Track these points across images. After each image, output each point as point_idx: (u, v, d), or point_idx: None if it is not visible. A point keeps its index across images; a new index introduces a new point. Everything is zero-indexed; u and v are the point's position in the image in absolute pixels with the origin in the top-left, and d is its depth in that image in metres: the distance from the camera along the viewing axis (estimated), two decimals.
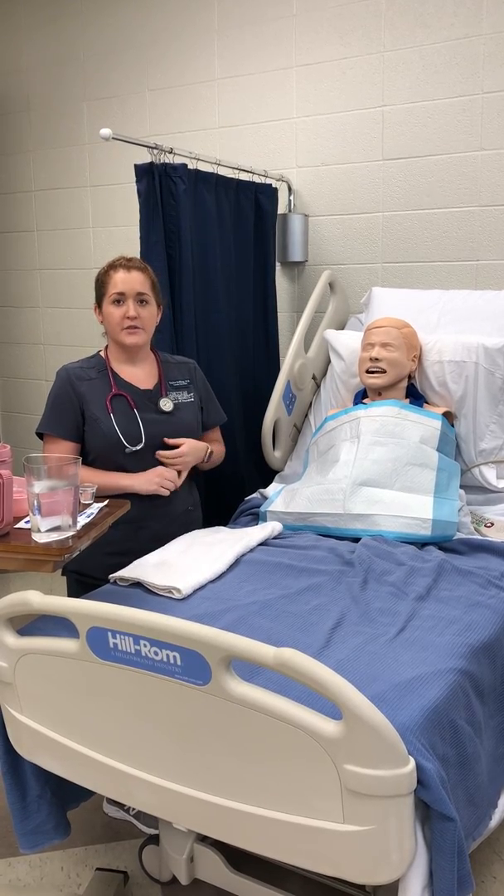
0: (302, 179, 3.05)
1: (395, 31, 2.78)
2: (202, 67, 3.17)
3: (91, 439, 2.11)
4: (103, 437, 2.09)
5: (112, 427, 2.09)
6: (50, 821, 1.62)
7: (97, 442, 2.10)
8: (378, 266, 2.97)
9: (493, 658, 1.57)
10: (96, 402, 2.11)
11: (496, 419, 2.37)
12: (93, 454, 2.13)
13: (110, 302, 2.11)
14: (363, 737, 1.14)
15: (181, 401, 2.23)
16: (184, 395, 2.24)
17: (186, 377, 2.28)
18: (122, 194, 3.42)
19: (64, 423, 2.10)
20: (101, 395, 2.12)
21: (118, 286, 2.10)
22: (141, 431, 2.12)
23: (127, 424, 2.11)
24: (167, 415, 2.18)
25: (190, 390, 2.27)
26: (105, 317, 2.15)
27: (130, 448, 2.10)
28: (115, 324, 2.12)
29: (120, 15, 3.30)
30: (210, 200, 2.55)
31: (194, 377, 2.31)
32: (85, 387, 2.11)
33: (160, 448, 2.16)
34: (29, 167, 3.66)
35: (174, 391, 2.23)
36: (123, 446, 2.10)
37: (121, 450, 2.10)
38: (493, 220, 2.74)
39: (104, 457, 2.11)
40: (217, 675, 1.22)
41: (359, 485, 2.16)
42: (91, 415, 2.10)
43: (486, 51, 2.66)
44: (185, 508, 2.25)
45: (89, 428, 2.10)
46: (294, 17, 2.95)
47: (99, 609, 1.30)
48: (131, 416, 2.13)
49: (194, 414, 2.26)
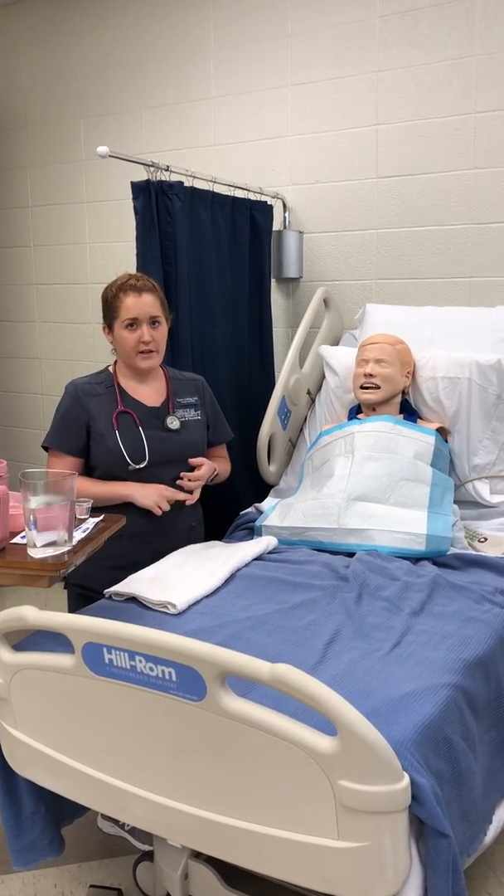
0: (297, 197, 3.08)
1: (389, 51, 2.82)
2: (198, 86, 3.20)
3: (96, 455, 2.11)
4: (108, 454, 2.09)
5: (117, 444, 2.09)
6: (44, 837, 1.61)
7: (102, 458, 2.11)
8: (372, 282, 2.99)
9: (486, 673, 1.57)
10: (103, 419, 2.11)
11: (489, 435, 2.38)
12: (98, 470, 2.13)
13: (123, 327, 2.10)
14: (358, 752, 1.14)
15: (188, 419, 2.23)
16: (191, 413, 2.24)
17: (195, 394, 2.28)
18: (119, 210, 3.44)
19: (69, 438, 2.10)
20: (108, 411, 2.12)
21: (131, 311, 2.08)
22: (145, 449, 2.12)
23: (132, 442, 2.11)
24: (173, 433, 2.18)
25: (197, 408, 2.27)
26: (118, 339, 2.13)
27: (134, 466, 2.10)
28: (129, 348, 2.11)
29: (117, 33, 3.34)
30: (206, 217, 2.57)
31: (203, 394, 2.31)
32: (92, 403, 2.12)
33: (165, 466, 2.16)
34: (26, 183, 3.68)
35: (181, 409, 2.23)
36: (127, 463, 2.10)
37: (124, 467, 2.10)
38: (485, 237, 2.77)
39: (108, 473, 2.12)
40: (212, 691, 1.22)
41: (353, 500, 2.17)
42: (97, 431, 2.10)
43: (478, 71, 2.69)
44: (189, 524, 2.26)
45: (94, 444, 2.11)
46: (289, 37, 2.99)
47: (94, 624, 1.31)
48: (136, 433, 2.13)
49: (201, 432, 2.27)
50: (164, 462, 2.15)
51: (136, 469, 2.11)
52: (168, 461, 2.16)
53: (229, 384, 2.79)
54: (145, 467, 2.12)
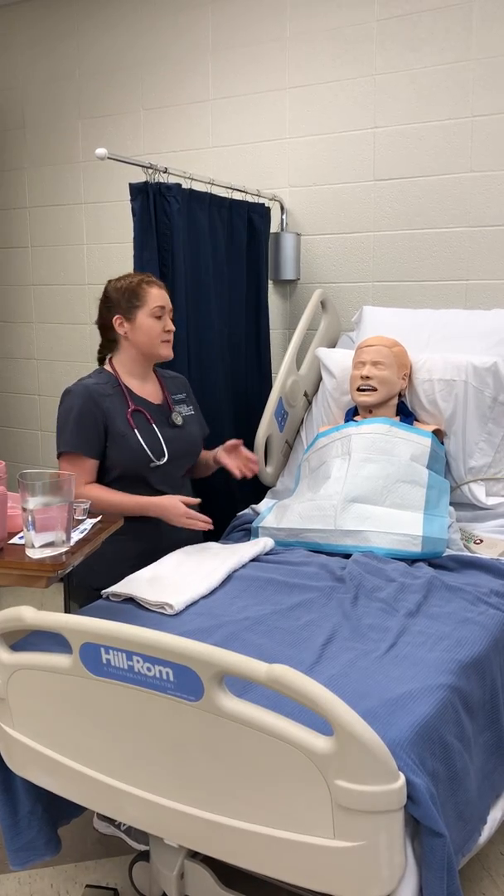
0: (294, 199, 3.09)
1: (387, 54, 2.83)
2: (196, 88, 3.21)
3: (117, 455, 2.10)
4: (131, 453, 2.09)
5: (139, 442, 2.11)
6: (41, 837, 1.61)
7: (124, 457, 2.10)
8: (369, 285, 3.00)
9: (482, 674, 1.58)
10: (119, 419, 2.10)
11: (485, 437, 2.39)
12: (117, 470, 2.11)
13: (151, 314, 2.12)
14: (354, 753, 1.15)
15: (185, 414, 2.27)
16: (185, 409, 2.28)
17: (183, 391, 2.32)
18: (116, 212, 3.45)
19: (91, 440, 2.08)
20: (121, 410, 2.12)
21: (160, 300, 2.14)
22: (163, 446, 2.15)
23: (150, 439, 2.14)
24: (179, 428, 2.22)
25: (188, 403, 2.31)
26: (141, 328, 2.13)
27: (156, 462, 2.12)
28: (154, 335, 2.14)
29: (116, 35, 3.34)
30: (203, 219, 2.58)
31: (188, 391, 2.35)
32: (107, 403, 2.10)
33: (177, 461, 2.19)
34: (24, 184, 3.69)
35: (178, 405, 2.26)
36: (150, 461, 2.12)
37: (146, 465, 2.12)
38: (482, 240, 2.78)
39: (129, 473, 2.11)
40: (209, 691, 1.23)
41: (350, 501, 2.18)
42: (116, 431, 2.09)
43: (475, 75, 2.71)
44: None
45: (114, 444, 2.09)
46: (287, 40, 3.00)
47: (92, 625, 1.31)
48: (152, 431, 2.15)
49: (199, 426, 2.32)
50: (178, 457, 2.19)
51: (157, 466, 2.13)
52: (179, 456, 2.20)
53: (226, 385, 2.80)
54: (164, 464, 2.14)
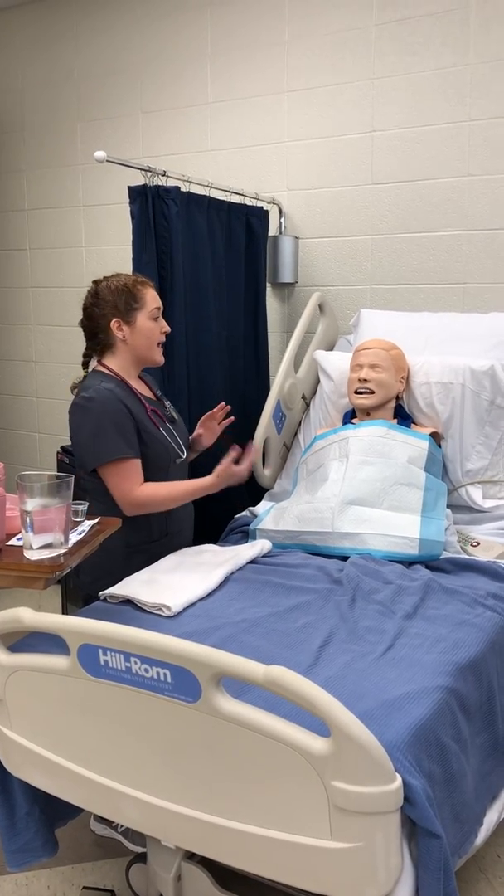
0: (292, 202, 3.10)
1: (385, 58, 2.84)
2: (195, 91, 3.22)
3: (151, 456, 2.07)
4: (164, 452, 2.10)
5: (166, 440, 2.12)
6: (38, 839, 1.61)
7: (156, 457, 2.08)
8: (367, 288, 3.01)
9: (478, 676, 1.59)
10: (142, 419, 2.08)
11: (482, 440, 2.40)
12: (148, 471, 2.07)
13: (150, 317, 2.10)
14: (351, 754, 1.15)
15: (171, 408, 2.28)
16: (169, 403, 2.29)
17: (158, 386, 2.34)
18: (115, 214, 3.46)
19: (132, 442, 2.03)
20: (140, 411, 2.09)
21: (156, 301, 2.11)
22: (179, 440, 2.18)
23: (171, 436, 2.16)
24: (177, 421, 2.25)
25: (167, 398, 2.32)
26: (141, 331, 2.09)
27: (181, 457, 2.16)
28: (153, 338, 2.11)
29: (115, 38, 3.35)
30: (202, 222, 2.59)
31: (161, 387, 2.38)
32: (130, 405, 2.06)
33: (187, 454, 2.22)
34: (22, 186, 3.69)
35: (165, 400, 2.27)
36: (176, 457, 2.14)
37: (173, 461, 2.13)
38: (479, 244, 2.79)
39: (157, 471, 2.09)
40: (207, 693, 1.23)
41: (347, 503, 2.18)
42: (146, 432, 2.07)
43: (472, 79, 2.72)
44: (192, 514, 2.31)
45: (147, 445, 2.07)
46: (286, 44, 3.01)
47: (90, 626, 1.31)
48: (167, 427, 2.17)
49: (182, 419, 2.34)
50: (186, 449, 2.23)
51: (181, 461, 2.16)
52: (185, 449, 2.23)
53: (225, 388, 2.80)
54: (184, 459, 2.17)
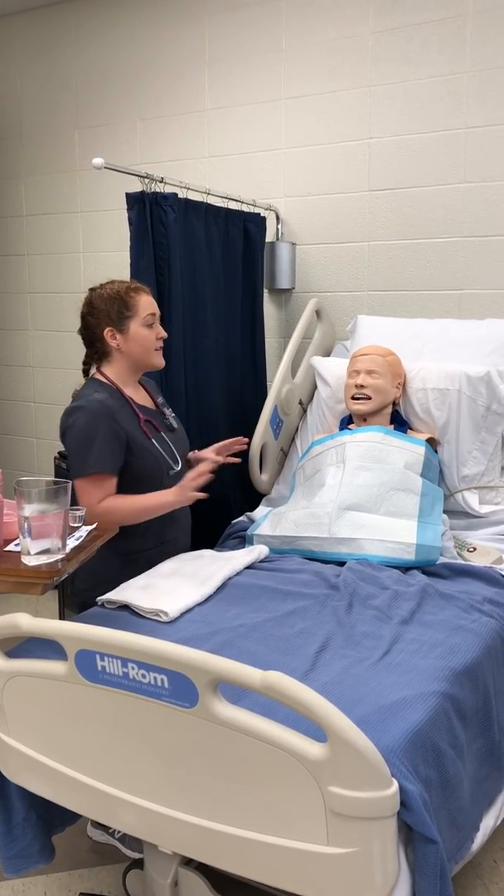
0: (290, 209, 3.11)
1: (382, 66, 2.86)
2: (193, 98, 3.23)
3: (138, 468, 2.04)
4: (156, 464, 2.06)
5: (160, 452, 2.09)
6: (35, 844, 1.61)
7: (148, 469, 2.05)
8: (364, 294, 3.02)
9: (475, 681, 1.59)
10: (135, 431, 2.05)
11: (478, 445, 2.41)
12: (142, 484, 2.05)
13: (143, 324, 2.07)
14: (347, 759, 1.15)
15: (172, 415, 2.26)
16: (169, 411, 2.27)
17: (159, 393, 2.32)
18: (112, 220, 3.46)
19: (116, 458, 2.01)
20: (133, 422, 2.07)
21: (150, 307, 2.08)
22: (174, 451, 2.15)
23: (164, 447, 2.13)
24: (176, 431, 2.22)
25: (168, 405, 2.30)
26: (135, 339, 2.07)
27: (175, 469, 2.12)
28: (149, 345, 2.09)
29: (113, 45, 3.37)
30: (199, 229, 2.60)
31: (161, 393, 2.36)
32: (120, 416, 2.03)
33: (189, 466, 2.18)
34: (21, 192, 3.70)
35: (165, 408, 2.25)
36: (171, 468, 2.11)
37: (167, 473, 2.10)
38: (475, 250, 2.81)
39: (149, 483, 2.06)
40: (204, 698, 1.24)
41: (344, 509, 2.19)
42: (138, 444, 2.04)
43: (469, 87, 2.73)
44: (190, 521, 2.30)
45: (134, 458, 2.03)
46: (283, 52, 3.02)
47: (87, 632, 1.32)
48: (161, 438, 2.14)
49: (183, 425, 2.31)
50: (184, 460, 2.20)
51: (175, 472, 2.12)
52: (183, 458, 2.21)
53: (222, 394, 2.81)
54: (179, 470, 2.14)
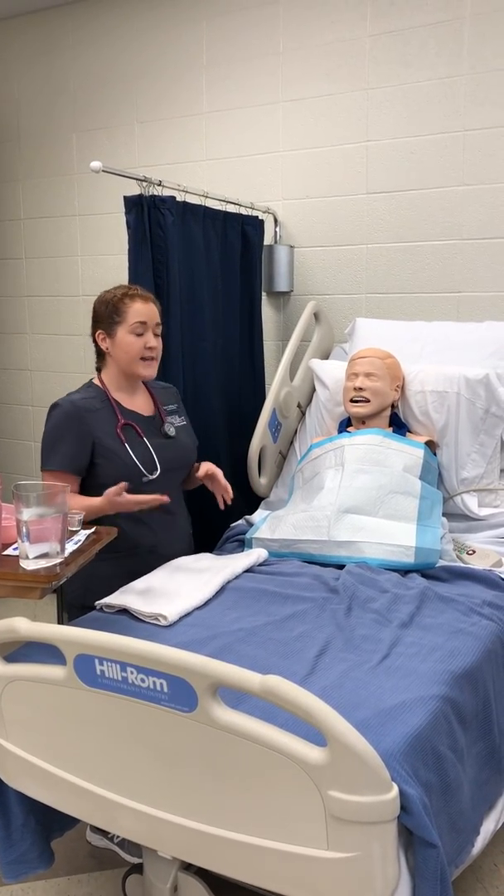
0: (288, 211, 3.11)
1: (380, 69, 2.86)
2: (190, 101, 3.23)
3: (107, 471, 2.05)
4: (123, 468, 2.04)
5: (130, 457, 2.06)
6: (34, 850, 1.61)
7: (116, 473, 2.04)
8: (362, 297, 3.02)
9: (474, 685, 1.59)
10: (107, 434, 2.06)
11: (477, 448, 2.40)
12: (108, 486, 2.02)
13: (130, 331, 2.06)
14: (347, 763, 1.15)
15: (177, 424, 2.24)
16: (177, 420, 2.25)
17: (174, 401, 2.30)
18: (110, 224, 3.46)
19: (75, 458, 2.03)
20: (110, 425, 2.08)
21: (140, 315, 2.06)
22: (154, 458, 2.11)
23: (141, 453, 2.09)
24: (172, 439, 2.19)
25: (180, 414, 2.29)
26: (120, 345, 2.08)
27: (148, 476, 2.08)
28: (133, 353, 2.07)
29: (111, 49, 3.37)
30: (197, 232, 2.60)
31: (179, 401, 2.33)
32: (94, 418, 2.05)
33: (170, 473, 2.15)
34: (18, 195, 3.70)
35: (170, 416, 2.23)
36: (142, 475, 2.07)
37: (139, 479, 2.07)
38: (473, 253, 2.81)
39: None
40: (203, 703, 1.23)
41: (343, 512, 2.18)
42: (105, 447, 2.04)
43: (467, 90, 2.74)
44: (188, 531, 2.28)
45: (104, 461, 2.04)
46: (281, 55, 3.03)
47: (86, 636, 1.31)
48: (142, 444, 2.11)
49: (191, 436, 2.28)
50: (170, 469, 2.16)
51: (149, 480, 2.08)
52: (173, 468, 2.17)
53: (220, 397, 2.81)
54: (157, 476, 2.10)
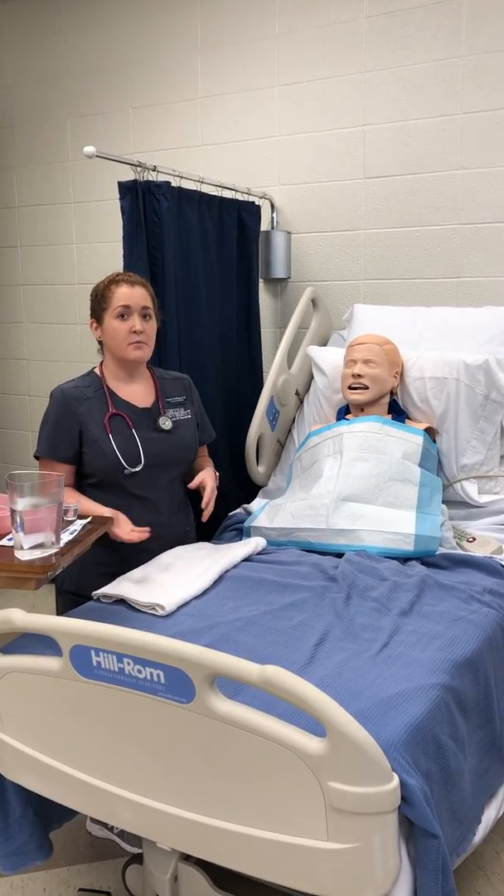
0: (284, 197, 3.08)
1: (376, 51, 2.82)
2: (186, 86, 3.19)
3: (91, 461, 2.06)
4: (103, 459, 2.04)
5: (112, 448, 2.05)
6: (32, 841, 1.60)
7: (97, 463, 2.05)
8: (360, 283, 2.99)
9: (475, 673, 1.58)
10: (95, 423, 2.06)
11: (477, 435, 2.39)
12: (94, 477, 2.08)
13: (114, 316, 2.06)
14: (347, 754, 1.14)
15: (179, 418, 2.20)
16: (181, 413, 2.21)
17: (182, 394, 2.26)
18: (106, 211, 3.43)
19: (63, 446, 2.04)
20: (99, 414, 2.07)
21: (123, 300, 2.05)
22: (140, 452, 2.08)
23: (126, 445, 2.07)
24: (166, 433, 2.15)
25: (187, 407, 2.24)
26: (107, 331, 2.09)
27: (129, 469, 2.06)
28: (120, 338, 2.07)
29: (105, 34, 3.33)
30: (193, 218, 2.57)
31: (190, 393, 2.29)
32: (83, 407, 2.06)
33: (160, 468, 2.12)
34: (13, 183, 3.66)
35: (172, 408, 2.20)
36: (123, 467, 2.06)
37: (120, 471, 2.06)
38: (472, 237, 2.78)
39: (105, 479, 2.07)
40: (201, 693, 1.22)
41: (342, 500, 2.17)
42: (91, 436, 2.05)
43: (464, 72, 2.70)
44: (182, 530, 2.25)
45: (89, 449, 2.05)
46: (276, 38, 2.99)
47: (82, 627, 1.30)
48: (130, 436, 2.09)
49: (192, 431, 2.24)
50: (159, 464, 2.12)
51: (131, 473, 2.07)
52: (163, 463, 2.14)
53: (217, 384, 2.79)
54: (141, 470, 2.08)
